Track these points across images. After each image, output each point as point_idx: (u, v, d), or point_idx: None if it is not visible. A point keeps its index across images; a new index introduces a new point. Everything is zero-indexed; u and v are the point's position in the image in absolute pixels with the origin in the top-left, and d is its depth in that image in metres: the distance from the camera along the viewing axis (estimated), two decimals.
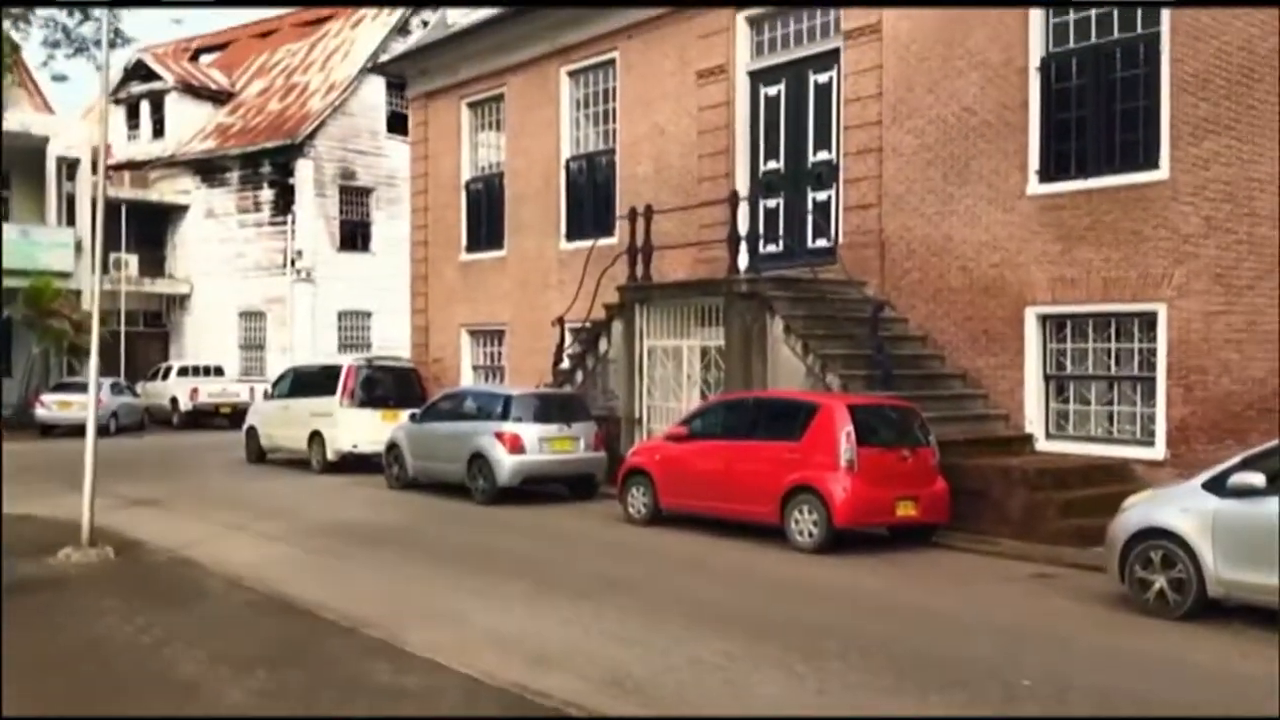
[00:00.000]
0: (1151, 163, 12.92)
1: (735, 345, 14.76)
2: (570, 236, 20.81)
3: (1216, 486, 8.26)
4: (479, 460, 15.26)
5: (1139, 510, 8.80)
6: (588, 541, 12.30)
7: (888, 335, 14.42)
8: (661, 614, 8.68)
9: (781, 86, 17.21)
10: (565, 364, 18.19)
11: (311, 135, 34.02)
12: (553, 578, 10.06)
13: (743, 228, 17.27)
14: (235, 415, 30.09)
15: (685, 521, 12.84)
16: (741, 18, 17.57)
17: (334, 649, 7.47)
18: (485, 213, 22.98)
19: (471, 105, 23.27)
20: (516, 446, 15.07)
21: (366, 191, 35.32)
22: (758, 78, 17.54)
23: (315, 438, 19.35)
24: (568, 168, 20.96)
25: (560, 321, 18.38)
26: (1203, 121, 12.38)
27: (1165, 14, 12.75)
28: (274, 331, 34.63)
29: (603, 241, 18.62)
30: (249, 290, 35.00)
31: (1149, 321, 12.99)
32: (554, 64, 21.00)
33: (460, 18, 23.19)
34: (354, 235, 35.20)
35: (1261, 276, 11.92)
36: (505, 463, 15.01)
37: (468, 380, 23.19)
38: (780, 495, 11.54)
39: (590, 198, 20.54)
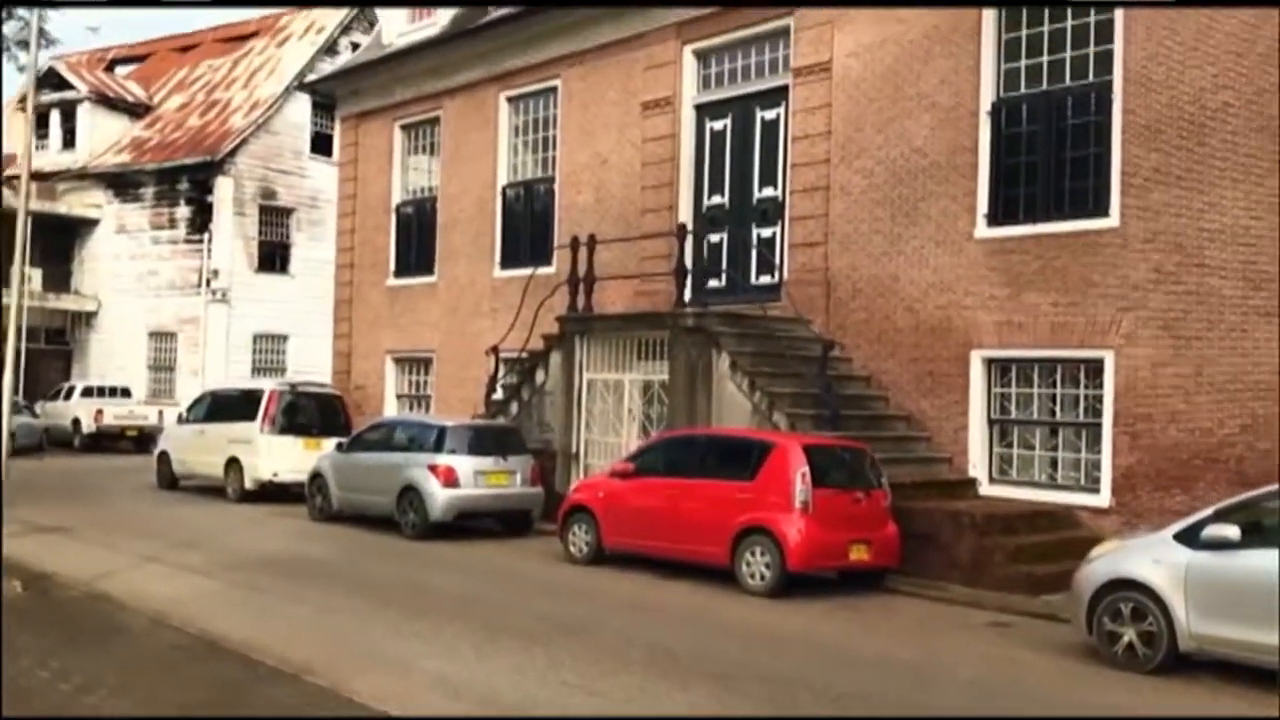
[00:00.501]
0: (1101, 210, 12.97)
1: (680, 380, 14.44)
2: (505, 264, 20.36)
3: (1189, 538, 8.13)
4: (410, 493, 14.67)
5: (1107, 561, 8.64)
6: (529, 581, 11.80)
7: (833, 375, 14.23)
8: (617, 661, 8.26)
9: (728, 121, 17.05)
10: (499, 395, 17.71)
11: (232, 153, 33.06)
12: (498, 620, 9.56)
13: (686, 261, 17.10)
14: (141, 439, 29.03)
15: (629, 561, 12.42)
16: (689, 50, 17.41)
17: (275, 697, 6.91)
18: (416, 237, 22.42)
19: (405, 127, 22.75)
20: (450, 480, 14.51)
21: (287, 212, 34.40)
22: (704, 111, 17.36)
23: (233, 465, 18.53)
24: (504, 194, 20.55)
25: (495, 351, 17.89)
26: (1154, 172, 12.47)
27: (1117, 64, 12.84)
28: (185, 353, 33.42)
29: (540, 270, 18.22)
30: (161, 309, 33.76)
31: (1096, 368, 12.98)
32: (493, 89, 20.62)
33: (397, 38, 22.71)
34: (273, 256, 34.21)
35: (1210, 327, 11.99)
36: (438, 496, 14.44)
37: (391, 409, 22.54)
38: (731, 536, 11.20)
39: (527, 225, 20.14)
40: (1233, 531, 7.87)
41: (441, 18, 21.79)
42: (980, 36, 14.03)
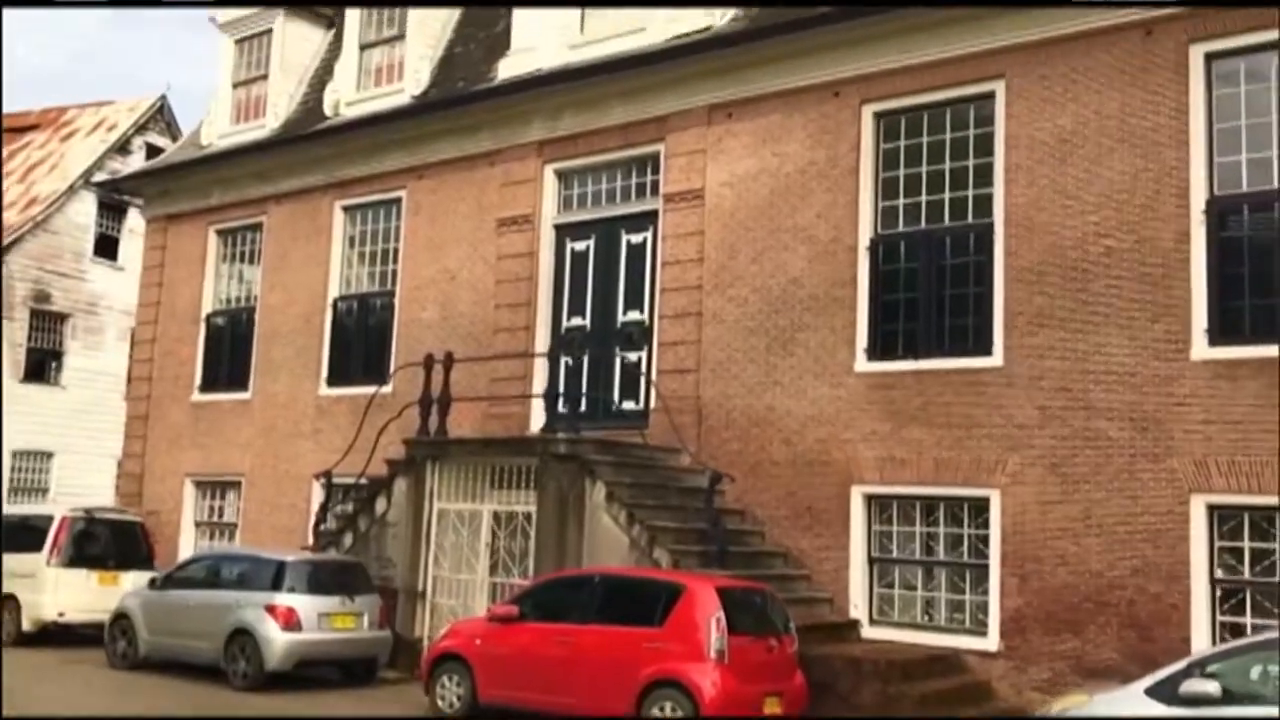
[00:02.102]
0: (984, 349, 12.98)
1: (549, 512, 13.46)
2: (333, 382, 18.93)
3: (1164, 694, 7.79)
4: (242, 638, 12.94)
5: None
6: None
7: (702, 508, 13.49)
8: None
9: (591, 242, 16.50)
10: (330, 525, 16.15)
11: (3, 251, 30.12)
12: None
13: (539, 384, 16.31)
14: None
15: (508, 716, 11.17)
16: (550, 170, 16.87)
17: None
18: (229, 350, 20.67)
19: (222, 232, 21.16)
20: (291, 622, 12.92)
21: (62, 318, 31.49)
22: (565, 231, 16.76)
23: (7, 603, 16.07)
24: (335, 307, 19.21)
25: (326, 476, 16.40)
26: (1038, 313, 12.61)
27: (998, 207, 13.04)
28: None
29: (373, 389, 16.95)
30: None
31: (981, 507, 12.84)
32: (327, 197, 19.45)
33: (218, 139, 21.22)
34: (42, 365, 31.14)
35: (1098, 469, 12.04)
36: (277, 642, 12.80)
37: (189, 537, 20.42)
38: (637, 690, 10.20)
39: (361, 341, 18.85)
40: (1213, 687, 7.56)
41: (271, 120, 20.54)
42: (859, 174, 14.04)
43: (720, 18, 15.26)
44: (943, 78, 13.57)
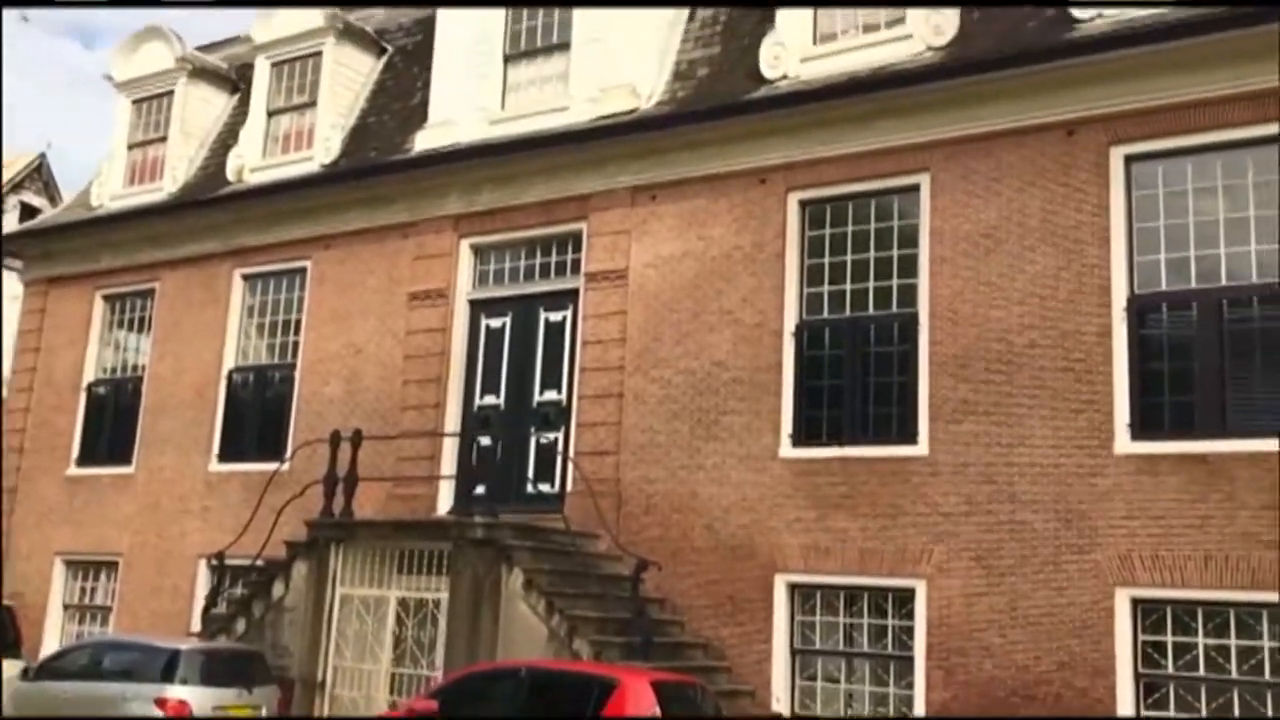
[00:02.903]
0: (909, 437, 12.98)
1: (462, 600, 12.89)
2: (225, 457, 18.06)
3: None
4: None
5: None
6: None
7: (623, 596, 13.12)
8: None
9: (507, 319, 16.13)
10: (222, 609, 15.21)
11: None
12: None
13: (448, 465, 15.83)
14: None
15: None
16: (466, 244, 16.53)
17: None
18: (111, 421, 19.62)
19: (109, 298, 20.22)
20: (183, 717, 11.99)
21: None
22: (480, 307, 16.38)
23: None
24: (230, 379, 18.40)
25: (219, 558, 15.49)
26: (963, 403, 12.67)
27: (923, 297, 13.14)
28: None
29: (270, 466, 16.20)
30: None
31: (906, 598, 12.72)
32: (226, 265, 18.74)
33: (110, 201, 20.36)
34: None
35: (1023, 561, 12.04)
36: None
37: (56, 621, 19.12)
38: None
39: (257, 415, 18.05)
40: None
41: (169, 183, 19.79)
42: (784, 260, 14.03)
43: (647, 100, 15.26)
44: (868, 169, 13.72)
